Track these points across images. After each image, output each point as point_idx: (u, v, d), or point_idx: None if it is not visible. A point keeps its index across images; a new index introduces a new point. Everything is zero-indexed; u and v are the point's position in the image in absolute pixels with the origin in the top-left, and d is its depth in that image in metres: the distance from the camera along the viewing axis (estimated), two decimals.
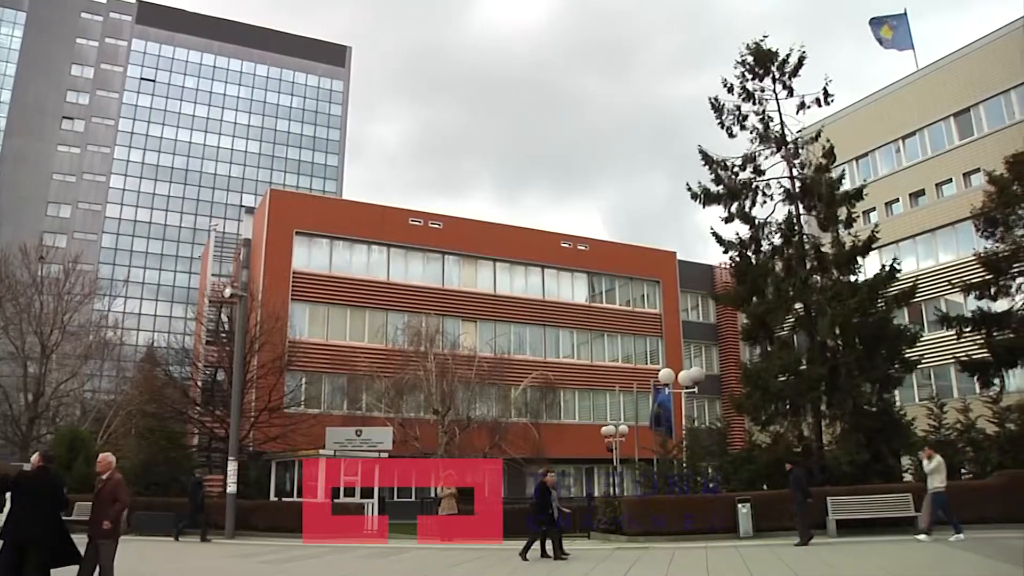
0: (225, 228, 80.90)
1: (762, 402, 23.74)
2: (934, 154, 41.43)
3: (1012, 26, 38.76)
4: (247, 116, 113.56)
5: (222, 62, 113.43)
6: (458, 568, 15.61)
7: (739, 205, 25.38)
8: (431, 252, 44.71)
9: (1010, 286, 26.20)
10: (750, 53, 25.60)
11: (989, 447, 23.17)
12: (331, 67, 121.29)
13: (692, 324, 53.78)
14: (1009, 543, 16.04)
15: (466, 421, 32.62)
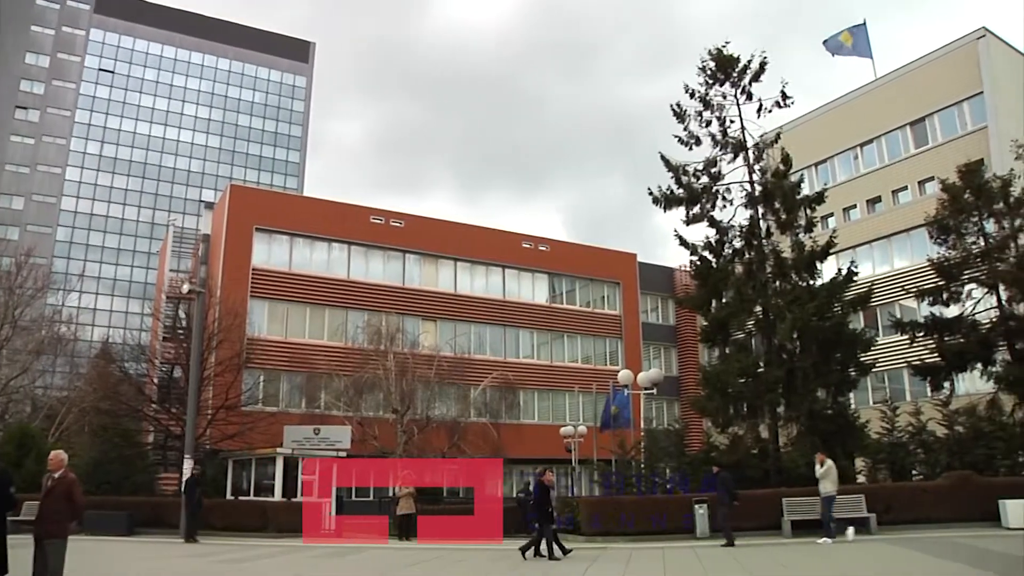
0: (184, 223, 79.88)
1: (721, 404, 24.01)
2: (891, 162, 42.18)
3: (964, 40, 39.68)
4: (208, 110, 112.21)
5: (183, 55, 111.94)
6: (415, 568, 15.59)
7: (700, 209, 25.63)
8: (392, 251, 44.51)
9: (961, 292, 26.82)
10: (712, 59, 25.87)
11: (939, 449, 23.76)
12: (294, 62, 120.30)
13: (652, 326, 54.13)
14: (957, 542, 16.46)
15: (425, 420, 32.51)
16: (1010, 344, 25.77)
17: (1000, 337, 25.98)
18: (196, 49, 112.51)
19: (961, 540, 16.91)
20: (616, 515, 20.49)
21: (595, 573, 13.89)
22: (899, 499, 20.75)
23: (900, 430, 24.67)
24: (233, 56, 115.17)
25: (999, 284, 25.99)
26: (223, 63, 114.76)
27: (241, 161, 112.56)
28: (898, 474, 23.63)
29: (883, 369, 33.89)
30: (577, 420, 42.22)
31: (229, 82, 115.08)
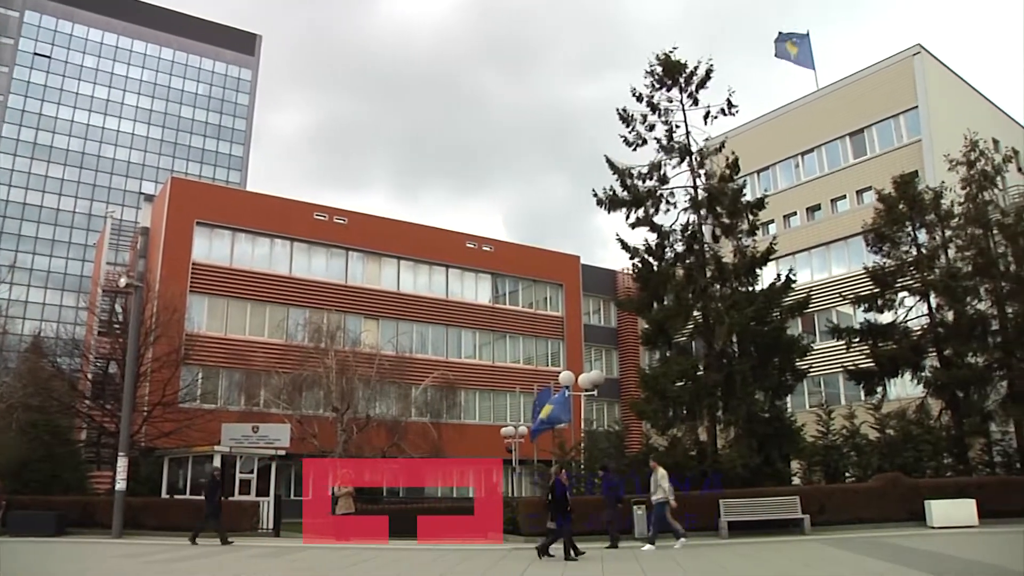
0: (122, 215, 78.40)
1: (660, 407, 24.21)
2: (830, 171, 43.11)
3: (901, 56, 40.84)
4: (149, 100, 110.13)
5: (124, 42, 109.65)
6: (354, 568, 15.50)
7: (644, 212, 25.77)
8: (335, 248, 44.17)
9: (894, 299, 27.52)
10: (659, 63, 26.04)
11: (871, 452, 24.38)
12: (239, 55, 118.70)
13: (594, 328, 54.53)
14: (886, 541, 16.91)
15: (365, 420, 32.32)
16: (939, 350, 26.54)
17: (930, 343, 26.74)
18: (138, 37, 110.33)
19: (889, 539, 17.40)
20: None
21: (534, 573, 13.95)
22: (832, 500, 21.20)
23: (834, 433, 25.22)
24: (177, 46, 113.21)
25: (930, 292, 26.74)
26: (166, 53, 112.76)
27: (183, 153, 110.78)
28: (832, 476, 24.12)
29: (819, 374, 34.63)
30: (518, 421, 42.30)
31: (172, 72, 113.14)
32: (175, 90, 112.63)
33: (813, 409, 27.86)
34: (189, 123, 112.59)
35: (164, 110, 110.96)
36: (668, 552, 16.61)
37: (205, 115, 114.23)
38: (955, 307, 26.28)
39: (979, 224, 26.67)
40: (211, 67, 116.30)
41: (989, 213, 26.85)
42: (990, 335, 26.25)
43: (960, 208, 27.20)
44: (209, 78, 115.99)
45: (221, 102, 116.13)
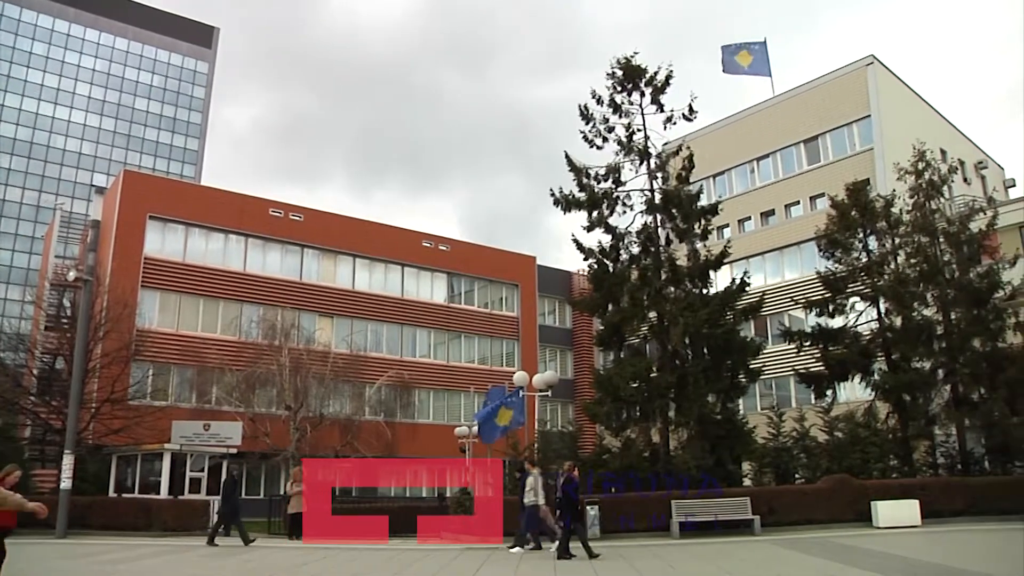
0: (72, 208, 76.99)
1: (613, 408, 24.36)
2: (785, 177, 43.78)
3: (855, 65, 41.63)
4: (102, 91, 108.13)
5: (77, 30, 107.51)
6: (306, 567, 15.39)
7: (600, 214, 25.93)
8: (290, 244, 43.79)
9: (845, 304, 28.04)
10: (620, 67, 26.25)
11: (820, 454, 24.81)
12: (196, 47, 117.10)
13: (549, 328, 54.72)
14: (833, 541, 17.24)
15: (319, 418, 32.07)
16: (887, 354, 27.08)
17: (878, 348, 27.28)
18: (92, 26, 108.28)
19: (837, 539, 17.73)
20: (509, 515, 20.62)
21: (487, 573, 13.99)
22: (782, 501, 21.53)
23: (785, 435, 25.62)
24: (132, 36, 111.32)
25: (879, 298, 27.28)
26: (120, 43, 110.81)
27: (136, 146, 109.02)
28: (782, 477, 24.49)
29: (771, 376, 35.12)
30: (472, 420, 42.31)
31: (126, 63, 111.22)
32: (129, 81, 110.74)
33: (764, 411, 28.30)
34: (143, 115, 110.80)
35: (117, 101, 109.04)
36: (620, 551, 16.74)
37: (160, 107, 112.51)
38: (903, 313, 26.83)
39: (926, 232, 27.29)
40: (167, 59, 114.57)
41: (935, 221, 27.49)
42: (935, 340, 26.85)
43: (908, 216, 27.81)
44: (164, 70, 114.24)
45: (176, 94, 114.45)
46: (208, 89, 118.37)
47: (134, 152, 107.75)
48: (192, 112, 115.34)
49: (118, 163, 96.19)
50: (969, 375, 25.84)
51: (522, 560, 15.81)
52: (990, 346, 26.22)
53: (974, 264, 27.14)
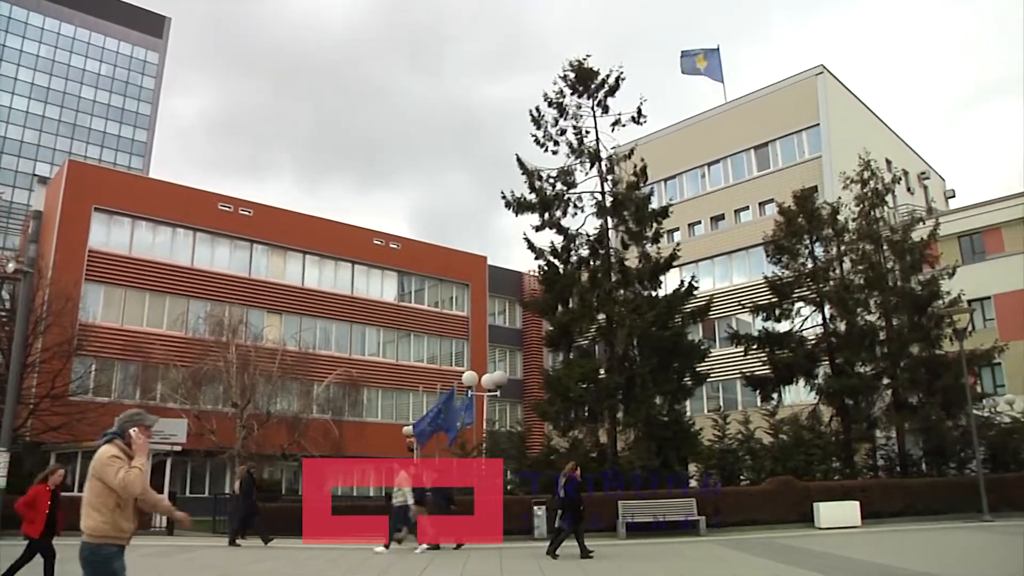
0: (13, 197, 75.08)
1: (562, 408, 24.48)
2: (735, 182, 44.39)
3: (805, 75, 42.37)
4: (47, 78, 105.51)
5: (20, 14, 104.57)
6: (253, 566, 15.26)
7: (551, 215, 26.05)
8: (239, 240, 43.16)
9: (791, 309, 28.52)
10: (572, 70, 26.41)
11: (764, 455, 25.18)
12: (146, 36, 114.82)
13: (499, 328, 54.76)
14: (776, 542, 17.53)
15: (266, 416, 31.70)
16: (831, 359, 27.61)
17: (823, 352, 27.80)
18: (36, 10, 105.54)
19: (780, 540, 18.04)
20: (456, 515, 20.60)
21: (433, 572, 13.98)
22: (727, 502, 21.83)
23: (730, 437, 25.96)
24: (79, 23, 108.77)
25: (824, 303, 27.79)
26: (67, 29, 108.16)
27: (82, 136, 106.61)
28: (727, 479, 24.83)
29: (718, 379, 35.55)
30: None
31: (73, 50, 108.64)
32: (75, 69, 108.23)
33: (711, 413, 28.63)
34: (90, 104, 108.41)
35: (63, 89, 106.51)
36: (566, 551, 16.81)
37: (107, 97, 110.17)
38: (847, 318, 27.39)
39: (870, 240, 27.92)
40: (116, 47, 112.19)
41: (879, 230, 28.10)
42: (878, 346, 27.44)
43: (854, 224, 28.38)
44: (113, 59, 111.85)
45: (125, 84, 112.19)
46: (158, 80, 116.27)
47: (79, 142, 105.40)
48: (141, 103, 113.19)
49: (63, 153, 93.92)
50: (908, 380, 26.46)
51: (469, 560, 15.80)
52: (929, 352, 26.91)
53: (916, 272, 27.84)
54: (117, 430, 5.39)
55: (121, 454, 5.30)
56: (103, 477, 5.18)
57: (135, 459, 5.26)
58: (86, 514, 5.20)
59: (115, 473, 5.14)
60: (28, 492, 10.64)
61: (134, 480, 5.16)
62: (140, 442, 5.33)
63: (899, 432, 26.94)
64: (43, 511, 10.36)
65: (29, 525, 10.39)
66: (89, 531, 5.18)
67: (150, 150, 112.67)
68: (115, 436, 5.36)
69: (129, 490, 5.15)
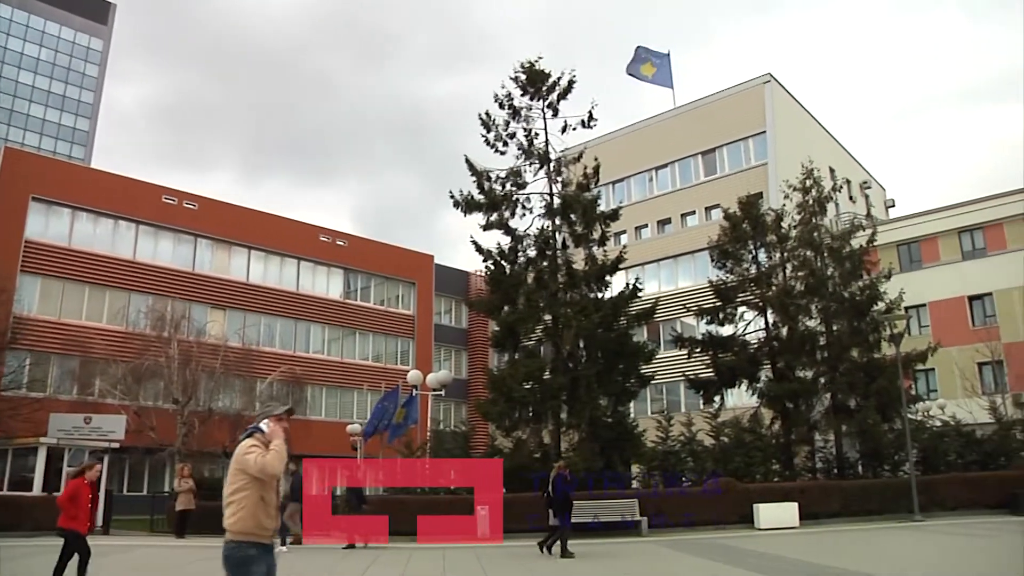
0: None
1: (506, 408, 24.52)
2: (682, 187, 44.95)
3: (753, 83, 43.08)
4: None
5: None
6: (190, 566, 15.04)
7: (500, 216, 26.08)
8: (183, 233, 42.45)
9: (735, 313, 28.93)
10: (523, 71, 26.47)
11: (706, 457, 25.52)
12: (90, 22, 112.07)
13: (444, 328, 54.68)
14: (717, 542, 17.81)
15: (208, 413, 31.25)
16: (773, 363, 28.08)
17: (765, 356, 28.26)
18: None
19: (721, 541, 18.34)
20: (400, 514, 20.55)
21: (376, 572, 13.94)
22: (669, 503, 22.06)
23: (673, 439, 26.26)
24: (17, 4, 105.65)
25: (767, 308, 28.26)
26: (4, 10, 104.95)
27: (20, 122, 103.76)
28: (669, 480, 25.12)
29: (662, 381, 35.91)
30: (365, 418, 41.92)
31: (11, 33, 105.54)
32: (13, 52, 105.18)
33: (654, 415, 28.94)
34: (29, 90, 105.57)
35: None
36: (474, 551, 16.89)
37: (48, 83, 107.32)
38: (788, 323, 27.87)
39: (811, 247, 28.45)
40: (57, 32, 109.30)
41: (821, 237, 28.67)
42: (818, 350, 27.99)
43: (796, 231, 28.91)
44: (54, 44, 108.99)
45: (67, 71, 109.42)
46: (102, 67, 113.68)
47: (17, 128, 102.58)
48: (83, 91, 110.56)
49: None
50: (846, 384, 27.03)
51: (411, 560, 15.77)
52: (866, 357, 27.53)
53: (855, 279, 28.45)
54: (255, 426, 5.47)
55: (259, 443, 5.33)
56: (244, 466, 5.20)
57: (272, 442, 5.29)
58: (228, 511, 5.20)
59: (254, 459, 5.17)
60: (67, 486, 10.64)
61: (271, 460, 5.19)
62: (275, 426, 5.40)
63: (837, 435, 27.51)
64: (85, 506, 10.40)
65: (72, 520, 10.34)
66: (231, 528, 5.18)
67: (92, 139, 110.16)
68: (255, 431, 5.42)
69: (268, 471, 5.16)
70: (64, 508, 10.33)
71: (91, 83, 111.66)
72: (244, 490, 5.20)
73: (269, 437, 5.33)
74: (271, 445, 5.26)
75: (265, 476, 5.16)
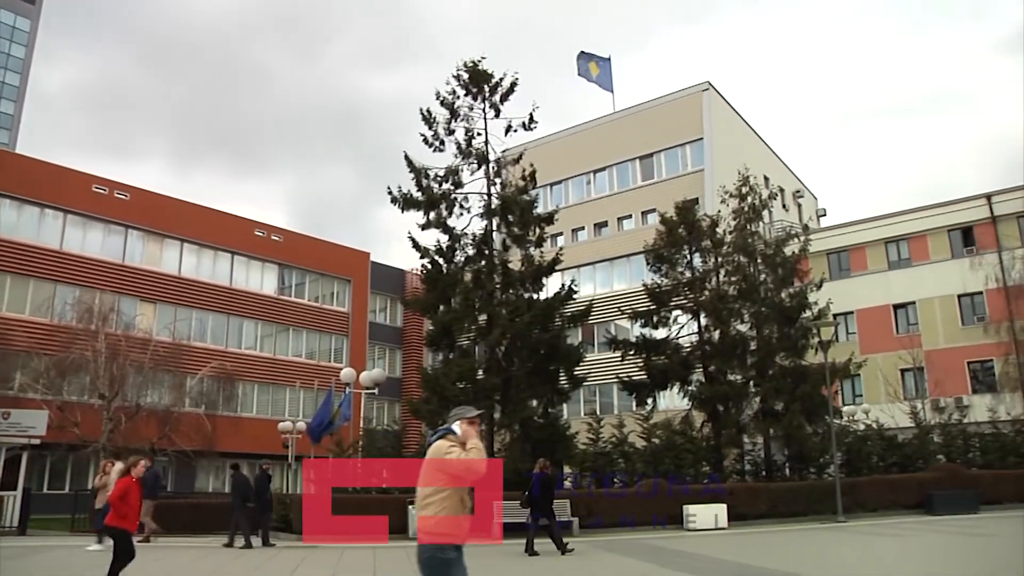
0: None
1: (438, 407, 24.49)
2: (619, 190, 45.39)
3: (691, 90, 43.77)
4: None
5: None
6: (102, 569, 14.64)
7: (437, 214, 26.04)
8: (114, 224, 41.39)
9: (669, 317, 29.30)
10: (466, 70, 26.48)
11: (637, 459, 25.79)
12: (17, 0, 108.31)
13: (379, 326, 54.31)
14: (647, 543, 18.02)
15: (135, 408, 30.52)
16: (705, 366, 28.50)
17: (697, 360, 28.66)
18: None
19: (651, 541, 18.53)
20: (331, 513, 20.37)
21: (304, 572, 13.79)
22: (600, 504, 22.21)
23: (605, 441, 26.50)
24: None
25: (700, 312, 28.69)
26: None
27: None
28: (601, 481, 25.31)
29: (595, 383, 36.25)
30: (297, 416, 41.49)
31: None
32: None
33: (587, 417, 29.17)
34: None
35: None
36: (406, 551, 16.80)
37: None
38: (721, 328, 28.34)
39: (745, 253, 28.98)
40: None
41: (754, 244, 29.22)
42: (748, 355, 28.52)
43: (731, 237, 29.41)
44: None
45: None
46: (29, 49, 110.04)
47: None
48: (9, 72, 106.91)
49: None
50: (774, 389, 27.58)
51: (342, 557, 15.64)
52: (794, 362, 28.15)
53: (786, 285, 29.06)
54: (447, 428, 5.48)
55: (456, 443, 5.33)
56: (446, 467, 5.19)
57: (468, 443, 5.30)
58: (426, 512, 5.21)
59: (458, 459, 5.19)
60: (117, 485, 10.45)
61: (476, 460, 5.21)
62: (468, 428, 5.41)
63: (765, 438, 28.08)
64: (135, 505, 10.32)
65: (122, 519, 10.22)
66: (431, 530, 5.19)
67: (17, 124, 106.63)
68: (447, 432, 5.42)
69: (474, 469, 5.18)
70: (115, 507, 10.24)
71: (17, 64, 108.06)
72: (444, 491, 5.19)
73: (463, 439, 5.32)
74: (468, 444, 5.25)
75: (470, 476, 5.17)
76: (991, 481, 26.36)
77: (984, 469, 27.86)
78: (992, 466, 28.12)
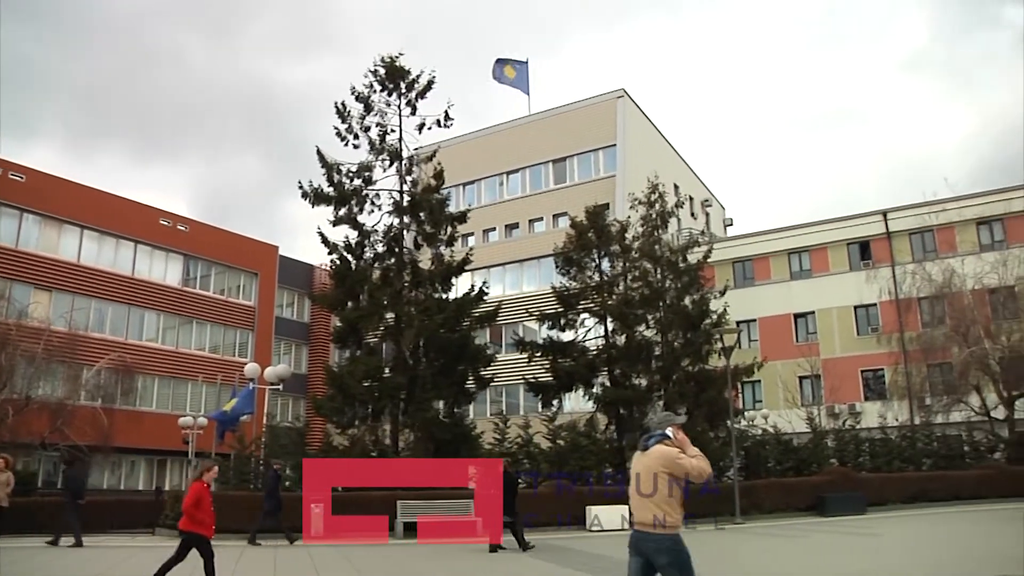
0: None
1: (343, 405, 24.29)
2: (532, 193, 45.68)
3: (606, 96, 44.39)
4: None
5: None
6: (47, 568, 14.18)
7: (348, 210, 25.80)
8: (7, 207, 39.48)
9: (576, 320, 29.63)
10: (383, 66, 26.32)
11: (542, 459, 26.03)
12: None
13: (286, 321, 53.34)
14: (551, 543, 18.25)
15: (25, 401, 29.27)
16: (610, 370, 28.92)
17: (603, 363, 29.04)
18: None
19: (555, 542, 18.75)
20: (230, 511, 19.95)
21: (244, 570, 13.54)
22: None
23: (510, 441, 26.67)
24: None
25: (607, 316, 29.10)
26: None
27: None
28: None
29: (502, 384, 36.38)
30: (199, 411, 40.41)
31: None
32: None
33: (493, 417, 29.29)
34: None
35: None
36: (340, 550, 16.74)
37: None
38: (626, 332, 28.80)
39: (651, 259, 29.52)
40: None
41: (660, 250, 29.78)
42: (653, 360, 29.07)
43: (638, 243, 29.92)
44: None
45: None
46: None
47: None
48: None
49: None
50: (677, 393, 28.16)
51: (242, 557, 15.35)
52: (697, 367, 28.82)
53: (690, 292, 29.73)
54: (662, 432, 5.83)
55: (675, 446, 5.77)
56: (675, 471, 5.64)
57: (688, 449, 5.74)
58: (668, 511, 5.69)
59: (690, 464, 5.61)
60: (190, 491, 10.38)
61: (706, 465, 5.67)
62: (682, 436, 5.85)
63: None
64: (209, 509, 10.25)
65: (199, 525, 10.19)
66: (671, 526, 5.73)
67: None
68: (663, 437, 5.80)
69: (704, 473, 5.62)
70: (189, 514, 10.16)
71: None
72: (675, 491, 5.70)
73: (680, 444, 5.74)
74: (689, 451, 5.70)
75: (702, 479, 5.65)
76: (878, 484, 27.73)
77: (873, 472, 29.20)
78: (880, 469, 29.55)
